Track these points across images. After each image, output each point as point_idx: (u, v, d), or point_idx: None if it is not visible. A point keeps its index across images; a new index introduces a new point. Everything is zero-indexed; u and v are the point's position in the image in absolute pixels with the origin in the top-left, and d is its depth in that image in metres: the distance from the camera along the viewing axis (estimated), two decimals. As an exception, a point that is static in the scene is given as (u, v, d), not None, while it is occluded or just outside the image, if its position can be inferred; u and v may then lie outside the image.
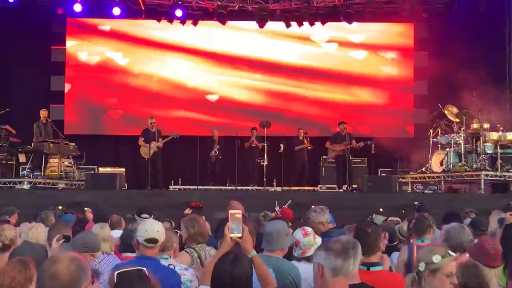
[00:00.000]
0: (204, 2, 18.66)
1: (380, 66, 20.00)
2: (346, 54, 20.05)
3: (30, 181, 15.08)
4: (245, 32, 19.92)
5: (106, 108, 19.73)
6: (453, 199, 13.74)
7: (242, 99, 19.82)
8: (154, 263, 4.67)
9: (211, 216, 9.00)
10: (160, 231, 4.90)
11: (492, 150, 15.05)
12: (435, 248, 3.73)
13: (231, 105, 19.72)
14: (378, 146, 16.70)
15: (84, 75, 19.76)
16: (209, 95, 19.82)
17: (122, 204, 11.77)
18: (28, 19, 18.29)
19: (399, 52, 20.03)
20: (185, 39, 19.80)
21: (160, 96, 19.63)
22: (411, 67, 19.99)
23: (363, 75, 19.91)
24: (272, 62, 19.91)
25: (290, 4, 18.83)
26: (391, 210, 11.17)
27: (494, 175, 14.67)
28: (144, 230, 4.86)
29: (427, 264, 3.55)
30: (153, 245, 4.84)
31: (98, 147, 19.21)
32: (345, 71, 19.91)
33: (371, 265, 4.45)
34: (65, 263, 2.86)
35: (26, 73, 19.02)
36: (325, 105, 19.69)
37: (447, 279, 3.53)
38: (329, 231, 6.00)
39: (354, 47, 20.02)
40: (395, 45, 20.05)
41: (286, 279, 4.70)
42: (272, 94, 19.81)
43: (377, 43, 20.05)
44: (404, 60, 20.03)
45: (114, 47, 19.84)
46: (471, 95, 15.62)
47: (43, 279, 2.84)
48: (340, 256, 3.40)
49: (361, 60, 20.03)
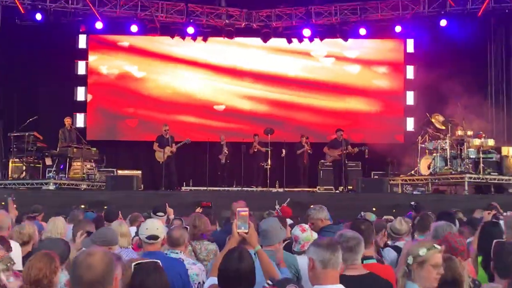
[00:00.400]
0: (213, 20, 18.68)
1: (373, 79, 19.98)
2: (342, 68, 20.05)
3: (56, 182, 15.11)
4: (251, 48, 19.92)
5: (124, 117, 19.73)
6: (440, 200, 13.70)
7: (247, 108, 19.81)
8: (160, 256, 4.66)
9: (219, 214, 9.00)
10: (160, 228, 4.93)
11: (475, 155, 15.05)
12: (422, 242, 3.74)
13: (237, 113, 19.72)
14: (371, 151, 16.68)
15: (104, 86, 19.78)
16: (217, 105, 19.82)
17: (139, 204, 11.78)
18: (54, 36, 18.32)
19: (390, 66, 20.02)
20: (196, 53, 19.80)
21: (172, 105, 19.64)
22: (401, 79, 19.98)
23: (357, 87, 19.91)
24: (275, 75, 19.90)
25: (291, 22, 18.86)
26: (383, 209, 11.15)
27: (477, 178, 14.66)
28: (145, 228, 4.90)
29: (415, 257, 3.55)
30: (153, 241, 4.87)
31: (117, 152, 19.25)
32: (341, 83, 19.91)
33: (365, 258, 4.49)
34: (100, 255, 2.93)
35: (52, 84, 19.06)
36: (323, 114, 19.66)
37: (434, 270, 3.54)
38: (327, 227, 6.01)
39: (349, 62, 20.01)
40: (387, 59, 20.04)
41: (288, 267, 4.71)
42: (275, 103, 19.80)
43: (370, 58, 20.03)
44: (395, 73, 20.02)
45: (131, 61, 19.86)
46: (456, 105, 15.62)
47: (79, 270, 2.86)
48: (328, 249, 3.49)
49: (356, 73, 20.02)
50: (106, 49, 19.96)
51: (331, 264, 3.48)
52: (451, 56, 18.12)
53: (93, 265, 2.86)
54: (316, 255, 3.51)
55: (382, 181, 15.32)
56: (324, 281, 3.48)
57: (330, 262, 3.47)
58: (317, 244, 3.59)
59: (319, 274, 3.49)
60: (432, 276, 3.53)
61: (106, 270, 2.88)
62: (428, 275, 3.52)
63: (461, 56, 18.10)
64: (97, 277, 2.85)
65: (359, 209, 9.92)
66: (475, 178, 14.66)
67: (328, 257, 3.47)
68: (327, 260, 3.47)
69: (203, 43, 19.06)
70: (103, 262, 2.90)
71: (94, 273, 2.84)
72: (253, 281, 3.74)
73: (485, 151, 15.15)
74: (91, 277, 2.84)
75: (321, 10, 18.65)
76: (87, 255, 2.93)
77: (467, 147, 15.07)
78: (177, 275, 4.61)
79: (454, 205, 11.33)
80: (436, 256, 3.57)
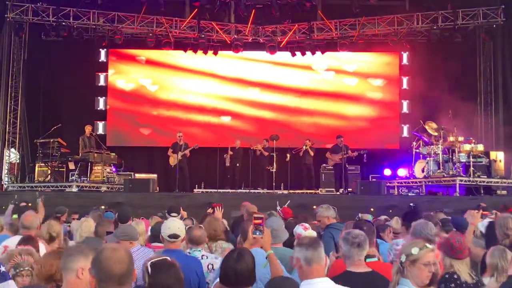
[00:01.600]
0: (223, 36, 18.74)
1: (370, 89, 19.94)
2: (341, 80, 20.03)
3: (78, 185, 15.18)
4: (257, 61, 19.93)
5: (140, 125, 19.72)
6: (433, 201, 13.68)
7: (254, 117, 19.82)
8: (179, 254, 4.71)
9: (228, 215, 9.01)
10: (181, 228, 4.94)
11: (466, 159, 15.04)
12: (414, 241, 3.75)
13: (245, 121, 19.74)
14: (369, 155, 16.69)
15: (122, 96, 19.83)
16: (224, 114, 19.84)
17: (155, 204, 11.81)
18: (77, 50, 18.43)
19: (387, 77, 19.99)
20: (206, 66, 19.85)
21: (185, 113, 19.69)
22: (397, 89, 19.96)
23: (356, 97, 19.88)
24: (280, 86, 19.92)
25: (295, 36, 18.90)
26: (380, 210, 11.15)
27: (468, 180, 14.64)
28: (167, 227, 4.91)
29: (407, 255, 3.55)
30: (174, 240, 4.88)
31: (134, 157, 19.31)
32: (340, 93, 19.90)
33: (367, 257, 4.50)
34: (124, 250, 3.01)
35: (75, 94, 19.17)
36: (324, 122, 19.66)
37: (425, 268, 3.53)
38: (333, 224, 6.07)
39: (348, 74, 19.99)
40: (383, 71, 20.01)
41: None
42: (280, 112, 19.80)
43: (368, 71, 20.02)
44: (391, 84, 19.98)
45: (147, 74, 19.93)
46: (448, 113, 15.60)
47: (108, 264, 2.89)
48: (310, 248, 3.61)
49: (354, 85, 20.00)
50: (125, 62, 20.03)
51: (315, 261, 3.58)
52: (443, 68, 18.11)
53: (121, 259, 2.92)
54: (301, 254, 3.62)
55: (380, 183, 15.29)
56: (311, 276, 3.57)
57: (313, 258, 3.58)
58: (300, 244, 3.68)
59: (306, 271, 3.60)
60: (423, 274, 3.52)
61: (131, 263, 2.96)
62: (419, 273, 3.52)
63: (452, 68, 18.07)
64: (125, 270, 2.91)
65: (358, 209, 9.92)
66: (466, 181, 14.65)
67: (311, 254, 3.58)
68: (310, 257, 3.58)
69: (213, 56, 19.11)
70: (127, 256, 2.98)
71: (124, 266, 2.91)
72: (252, 280, 3.71)
73: (475, 156, 15.14)
74: (121, 271, 2.89)
75: (322, 25, 18.69)
76: (112, 250, 2.97)
77: (458, 152, 15.07)
78: (194, 272, 4.63)
79: (446, 205, 11.37)
80: (428, 255, 3.56)
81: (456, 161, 14.97)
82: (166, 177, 17.32)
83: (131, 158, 18.90)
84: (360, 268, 4.01)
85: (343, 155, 15.95)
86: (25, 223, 5.86)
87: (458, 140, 15.14)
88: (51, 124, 16.43)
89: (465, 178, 14.63)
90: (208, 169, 18.52)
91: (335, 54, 19.31)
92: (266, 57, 19.14)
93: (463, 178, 14.62)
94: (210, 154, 17.85)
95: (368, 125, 19.48)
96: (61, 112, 19.09)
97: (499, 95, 18.20)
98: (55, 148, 15.73)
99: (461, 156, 15.06)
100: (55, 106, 19.04)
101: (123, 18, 18.20)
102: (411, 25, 18.10)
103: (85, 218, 6.34)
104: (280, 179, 17.00)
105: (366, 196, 14.19)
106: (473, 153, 15.05)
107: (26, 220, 5.88)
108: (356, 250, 4.00)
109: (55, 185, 15.23)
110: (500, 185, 14.79)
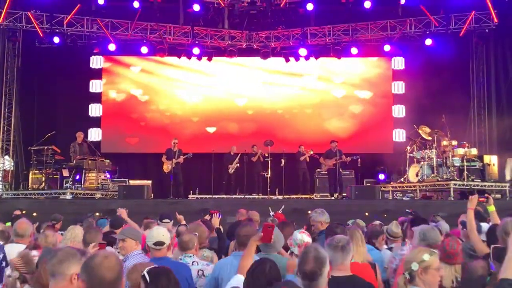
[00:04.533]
0: (216, 42, 18.75)
1: (364, 94, 20.00)
2: (336, 85, 20.05)
3: (72, 192, 15.10)
4: (251, 67, 19.93)
5: (134, 131, 19.69)
6: (427, 205, 13.66)
7: (249, 122, 19.82)
8: (166, 261, 4.69)
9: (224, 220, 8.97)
10: (165, 235, 4.91)
11: (459, 163, 15.06)
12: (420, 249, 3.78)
13: (239, 127, 19.72)
14: (363, 160, 16.69)
15: (116, 103, 19.84)
16: (219, 121, 19.83)
17: (149, 211, 11.72)
18: (70, 57, 18.38)
19: (380, 82, 20.04)
20: (200, 71, 19.86)
21: (179, 120, 19.72)
22: (390, 94, 20.00)
23: (350, 101, 19.96)
24: (273, 93, 19.95)
25: (288, 42, 18.93)
26: (375, 214, 11.13)
27: (461, 184, 14.65)
28: (151, 235, 4.90)
29: (419, 262, 3.60)
30: (160, 247, 4.86)
31: (129, 163, 19.26)
32: (335, 99, 19.96)
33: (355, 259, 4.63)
34: (115, 257, 3.04)
35: (69, 101, 19.15)
36: (319, 127, 19.67)
37: (437, 273, 3.61)
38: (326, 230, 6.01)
39: (342, 79, 20.02)
40: (376, 76, 20.08)
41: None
42: (273, 118, 19.81)
43: (361, 76, 20.07)
44: (384, 89, 20.03)
45: (140, 82, 19.97)
46: (441, 117, 15.63)
47: (100, 271, 2.91)
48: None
49: (348, 89, 20.04)
50: (119, 69, 20.04)
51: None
52: (437, 73, 18.15)
53: (112, 266, 2.94)
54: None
55: (374, 188, 15.28)
56: None
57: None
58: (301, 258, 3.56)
59: None
60: (436, 279, 3.62)
61: (121, 271, 3.00)
62: (433, 279, 3.60)
63: (445, 72, 18.14)
64: (115, 277, 2.94)
65: (353, 214, 9.92)
66: (460, 185, 14.64)
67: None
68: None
69: (207, 62, 19.12)
70: (118, 262, 3.01)
71: (114, 273, 2.93)
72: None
73: (468, 160, 15.16)
74: (111, 277, 2.92)
75: (316, 31, 18.74)
76: (104, 257, 2.98)
77: (452, 156, 15.09)
78: (183, 278, 4.60)
79: (441, 209, 11.35)
80: (437, 260, 3.67)
81: (450, 165, 14.98)
82: (160, 184, 17.27)
83: (125, 164, 18.84)
84: (342, 272, 3.99)
85: (337, 160, 15.94)
86: (18, 230, 5.83)
87: (451, 144, 15.17)
88: (45, 131, 16.34)
89: (459, 182, 14.64)
90: (202, 175, 18.50)
91: (327, 59, 19.33)
92: (260, 62, 19.13)
93: (457, 182, 14.63)
94: (204, 160, 17.82)
95: (362, 130, 19.49)
96: (55, 119, 19.04)
97: (492, 99, 18.28)
98: (49, 155, 15.64)
99: (455, 160, 15.08)
100: (49, 113, 18.99)
101: (117, 25, 18.18)
102: (404, 30, 18.15)
103: (72, 227, 6.28)
104: (275, 184, 16.98)
105: (360, 201, 14.17)
106: (466, 157, 15.08)
107: (20, 228, 5.85)
108: (340, 254, 3.98)
109: (49, 192, 15.15)
110: (494, 188, 14.80)
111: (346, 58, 19.10)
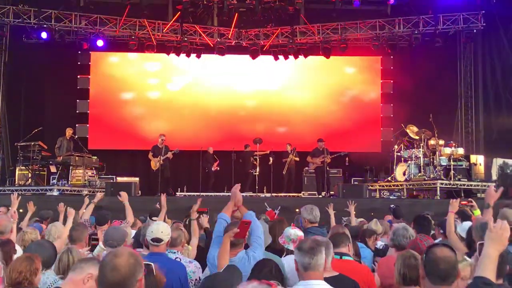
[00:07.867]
0: (206, 39, 18.74)
1: (352, 93, 20.10)
2: (324, 83, 20.09)
3: (59, 188, 15.04)
4: (240, 64, 19.92)
5: (122, 128, 19.60)
6: (414, 204, 13.75)
7: (237, 120, 19.83)
8: (163, 258, 4.70)
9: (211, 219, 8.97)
10: (164, 231, 4.89)
11: (446, 162, 15.19)
12: None
13: (228, 124, 19.71)
14: (351, 159, 16.78)
15: (104, 100, 19.77)
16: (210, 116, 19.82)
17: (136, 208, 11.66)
18: (58, 52, 18.30)
19: (368, 81, 20.16)
20: (189, 69, 19.87)
21: (167, 116, 19.70)
22: (378, 93, 20.11)
23: (337, 101, 20.04)
24: (263, 90, 19.98)
25: (277, 40, 18.95)
26: (362, 213, 11.19)
27: (448, 184, 14.77)
28: (150, 231, 4.89)
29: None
30: (158, 243, 4.85)
31: (116, 160, 19.16)
32: (322, 96, 20.02)
33: (343, 255, 4.66)
34: (126, 257, 2.77)
35: (56, 97, 19.05)
36: (307, 125, 19.69)
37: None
38: (310, 228, 6.03)
39: (329, 78, 20.07)
40: (365, 75, 20.17)
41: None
42: (263, 115, 19.84)
43: (349, 74, 20.18)
44: (372, 88, 20.15)
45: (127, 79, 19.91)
46: (429, 117, 15.73)
47: (103, 270, 2.73)
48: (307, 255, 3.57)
49: (336, 88, 20.12)
50: (106, 65, 19.98)
51: (310, 268, 3.56)
52: (425, 72, 18.28)
53: (117, 267, 2.72)
54: (298, 258, 3.61)
55: (361, 186, 15.34)
56: (306, 278, 3.58)
57: (310, 266, 3.55)
58: (299, 248, 3.64)
59: (301, 274, 3.61)
60: None
61: (129, 272, 2.73)
62: None
63: (433, 72, 18.27)
64: (120, 279, 2.71)
65: (340, 212, 9.98)
66: (446, 184, 14.77)
67: (307, 262, 3.55)
68: (306, 265, 3.56)
69: (196, 60, 19.10)
70: (127, 264, 2.75)
71: (118, 275, 2.71)
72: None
73: (455, 159, 15.29)
74: (113, 279, 2.70)
75: (305, 29, 18.78)
76: (113, 256, 2.78)
77: (439, 155, 15.21)
78: (177, 278, 4.59)
79: (427, 208, 11.44)
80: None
81: (437, 165, 15.10)
82: (148, 181, 17.23)
83: (112, 161, 18.75)
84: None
85: (324, 158, 15.99)
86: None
87: (438, 143, 15.29)
88: (32, 127, 16.22)
89: (446, 181, 14.76)
90: (191, 172, 18.48)
91: (317, 58, 19.37)
92: (248, 61, 19.14)
93: (444, 181, 14.74)
94: (192, 157, 17.81)
95: (350, 128, 19.55)
96: (42, 115, 18.93)
97: (479, 99, 18.44)
98: (36, 152, 15.57)
99: (442, 159, 15.21)
100: (36, 109, 18.87)
101: (105, 20, 18.10)
102: (393, 29, 18.25)
103: (53, 223, 6.24)
104: (263, 182, 17.00)
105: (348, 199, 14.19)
106: (453, 156, 15.20)
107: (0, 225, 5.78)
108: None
109: (36, 189, 15.08)
110: (480, 188, 14.94)
111: (335, 56, 19.16)
